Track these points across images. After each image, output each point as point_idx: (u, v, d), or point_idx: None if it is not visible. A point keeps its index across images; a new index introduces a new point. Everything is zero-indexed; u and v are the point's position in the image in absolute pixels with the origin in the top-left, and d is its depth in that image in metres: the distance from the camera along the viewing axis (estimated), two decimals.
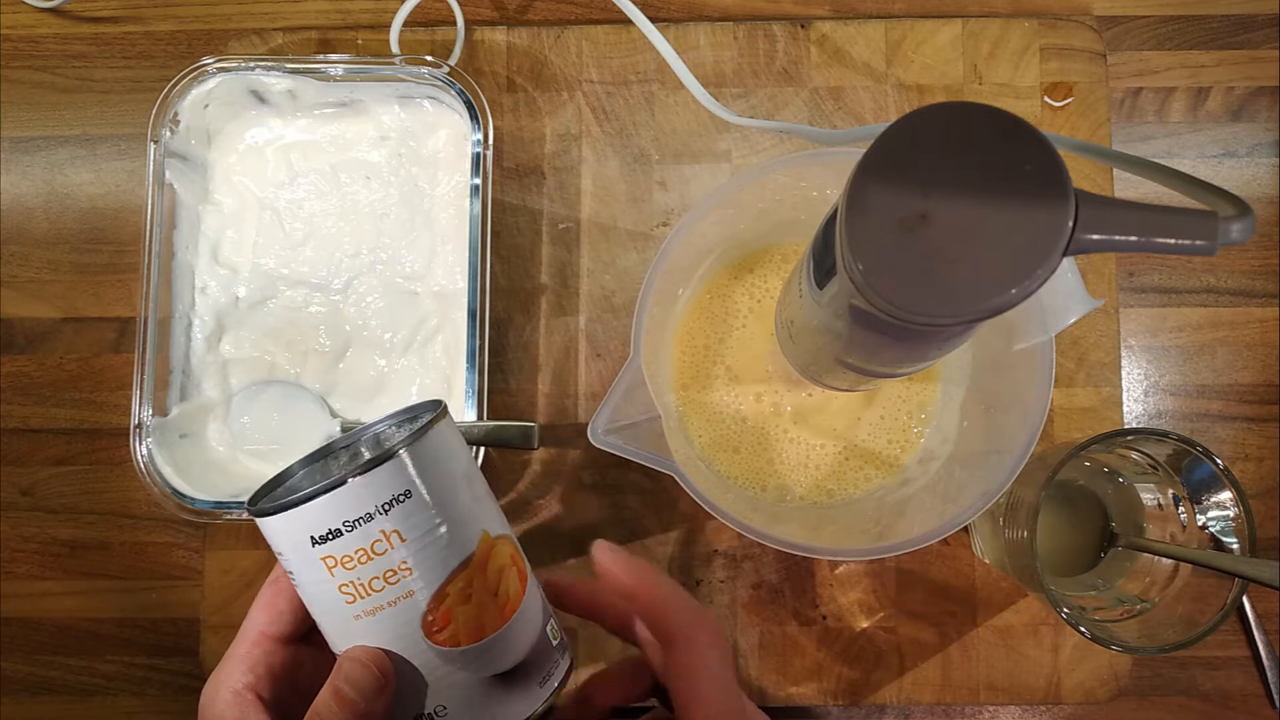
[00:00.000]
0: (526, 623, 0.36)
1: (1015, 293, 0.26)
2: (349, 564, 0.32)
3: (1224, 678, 0.53)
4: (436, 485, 0.34)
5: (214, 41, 0.58)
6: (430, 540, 0.33)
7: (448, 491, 0.34)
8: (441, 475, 0.34)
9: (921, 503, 0.46)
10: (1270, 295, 0.55)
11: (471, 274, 0.50)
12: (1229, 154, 0.56)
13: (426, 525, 0.33)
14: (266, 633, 0.36)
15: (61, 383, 0.56)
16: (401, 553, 0.32)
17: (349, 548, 0.32)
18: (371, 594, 0.32)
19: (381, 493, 0.32)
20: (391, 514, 0.32)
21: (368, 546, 0.32)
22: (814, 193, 0.45)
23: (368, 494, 0.32)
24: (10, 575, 0.55)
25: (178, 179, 0.52)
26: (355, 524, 0.32)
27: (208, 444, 0.53)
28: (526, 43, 0.56)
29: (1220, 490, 0.43)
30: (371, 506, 0.32)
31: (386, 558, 0.32)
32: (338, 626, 0.34)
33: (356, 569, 0.32)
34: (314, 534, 0.32)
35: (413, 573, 0.33)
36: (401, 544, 0.32)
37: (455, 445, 0.36)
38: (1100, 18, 0.57)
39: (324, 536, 0.32)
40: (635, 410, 0.40)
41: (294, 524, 0.32)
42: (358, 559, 0.32)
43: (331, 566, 0.32)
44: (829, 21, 0.56)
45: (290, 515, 0.32)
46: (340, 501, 0.32)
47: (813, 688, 0.52)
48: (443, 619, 0.33)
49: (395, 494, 0.32)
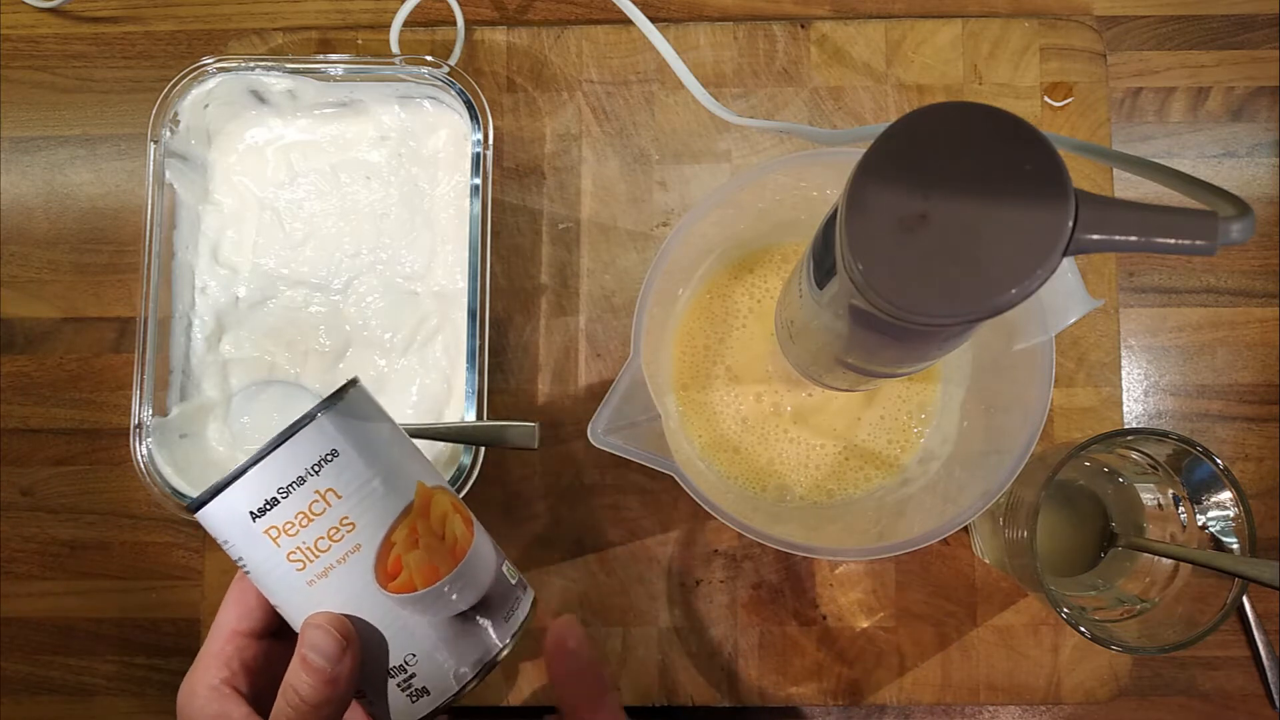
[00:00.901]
0: (481, 560, 0.37)
1: (1015, 293, 0.26)
2: (291, 530, 0.33)
3: (1224, 678, 0.53)
4: (362, 443, 0.35)
5: (214, 41, 0.58)
6: (366, 493, 0.34)
7: (374, 448, 0.35)
8: (365, 434, 0.35)
9: (921, 503, 0.46)
10: (1270, 295, 0.55)
11: (471, 274, 0.50)
12: (1229, 154, 0.56)
13: (360, 479, 0.34)
14: (238, 629, 0.36)
15: (61, 383, 0.56)
16: (340, 508, 0.33)
17: (289, 513, 0.33)
18: (319, 555, 0.33)
19: (309, 455, 0.33)
20: (323, 473, 0.33)
21: (306, 509, 0.33)
22: (814, 193, 0.45)
23: (296, 458, 0.33)
24: (10, 575, 0.55)
25: (178, 179, 0.52)
26: (290, 489, 0.33)
27: (208, 444, 0.53)
28: (526, 43, 0.56)
29: (1220, 490, 0.43)
30: (302, 469, 0.33)
31: (326, 516, 0.33)
32: (294, 599, 0.34)
33: (300, 534, 0.33)
34: (252, 508, 0.33)
35: (355, 526, 0.34)
36: (339, 500, 0.33)
37: (374, 410, 0.37)
38: (1100, 18, 0.57)
39: (262, 509, 0.33)
40: (635, 410, 0.40)
41: (231, 504, 0.33)
42: (299, 523, 0.33)
43: (275, 537, 0.33)
44: (829, 21, 0.56)
45: (226, 496, 0.33)
46: (270, 470, 0.33)
47: (813, 688, 0.52)
48: (394, 567, 0.34)
49: (322, 454, 0.33)
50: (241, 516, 0.33)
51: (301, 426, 0.34)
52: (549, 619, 0.43)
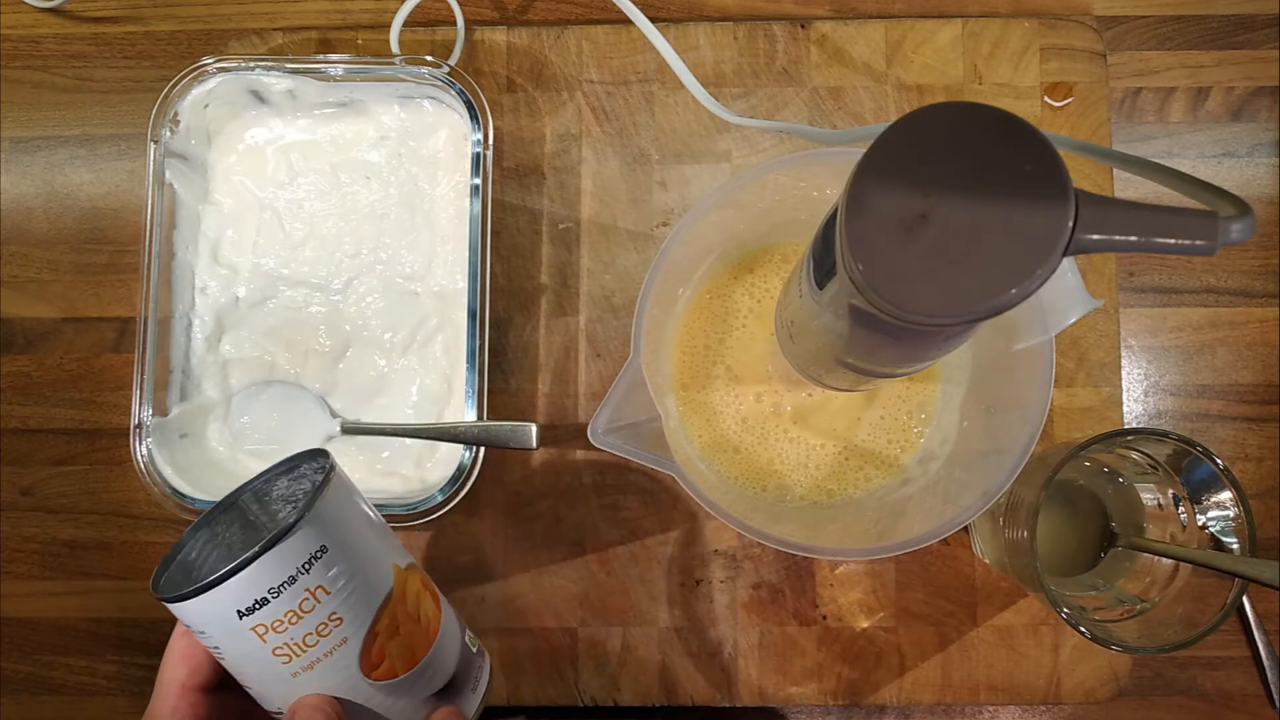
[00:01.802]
0: (449, 638, 0.38)
1: (1015, 293, 0.26)
2: (280, 627, 0.33)
3: (1224, 678, 0.53)
4: (346, 532, 0.35)
5: (214, 41, 0.58)
6: (354, 587, 0.34)
7: (357, 536, 0.35)
8: (347, 522, 0.35)
9: (921, 503, 0.46)
10: (1270, 295, 0.55)
11: (471, 274, 0.50)
12: (1229, 154, 0.56)
13: (347, 573, 0.34)
14: (188, 685, 0.36)
15: (61, 383, 0.56)
16: (329, 605, 0.33)
17: (278, 612, 0.33)
18: (306, 650, 0.33)
19: (301, 553, 0.33)
20: (313, 571, 0.33)
21: (296, 607, 0.33)
22: (814, 193, 0.45)
23: (289, 557, 0.33)
24: (10, 575, 0.55)
25: (178, 179, 0.52)
26: (281, 588, 0.32)
27: (208, 444, 0.53)
28: (526, 43, 0.56)
29: (1220, 490, 0.43)
30: (294, 568, 0.33)
31: (316, 613, 0.33)
32: (275, 688, 0.34)
33: (288, 630, 0.33)
34: (240, 607, 0.32)
35: (343, 621, 0.34)
36: (328, 597, 0.33)
37: (350, 491, 0.37)
38: (1100, 18, 0.57)
39: (250, 608, 0.32)
40: (635, 410, 0.40)
41: (217, 602, 0.32)
42: (288, 620, 0.33)
43: (263, 634, 0.33)
44: (829, 21, 0.56)
45: (212, 595, 0.32)
46: (264, 570, 0.32)
47: (813, 688, 0.52)
48: (377, 656, 0.34)
49: (313, 551, 0.33)
50: (227, 614, 0.32)
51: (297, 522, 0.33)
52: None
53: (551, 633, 0.53)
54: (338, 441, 0.53)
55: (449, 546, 0.53)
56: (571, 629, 0.53)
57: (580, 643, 0.53)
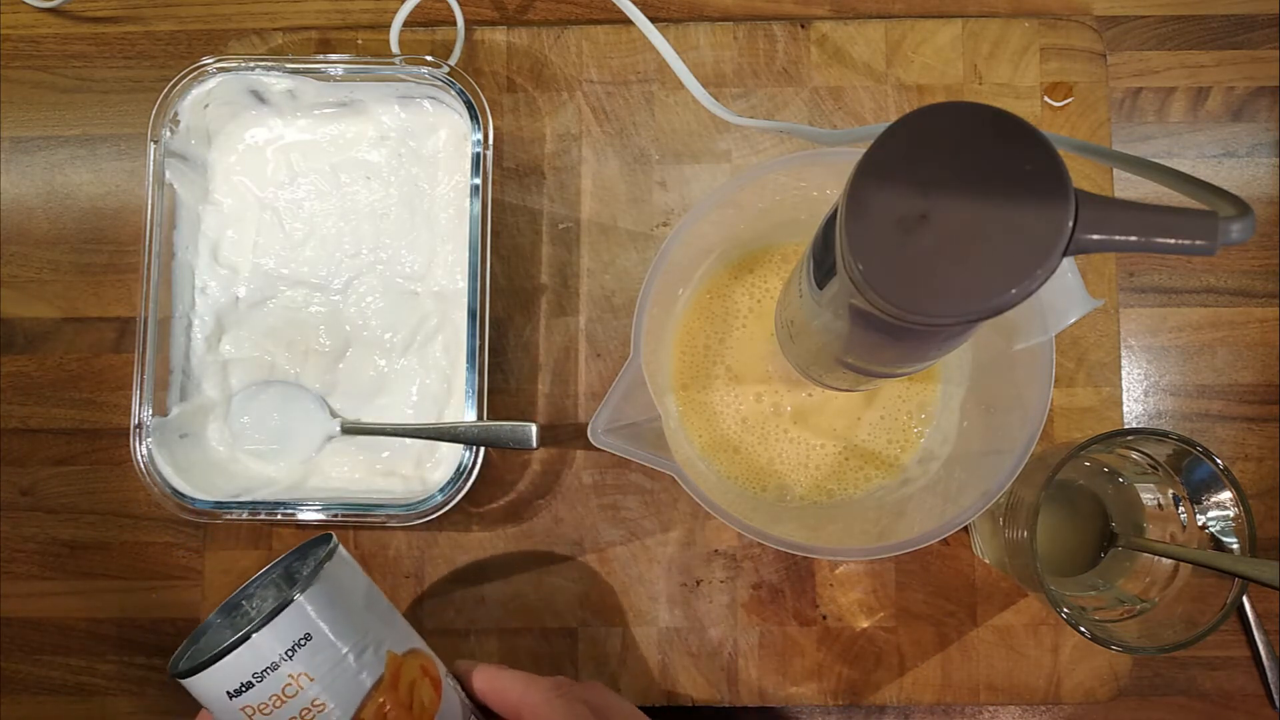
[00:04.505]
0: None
1: (1015, 293, 0.26)
2: (266, 710, 0.34)
3: (1224, 678, 0.53)
4: (336, 620, 0.36)
5: (214, 41, 0.58)
6: (338, 674, 0.35)
7: (348, 623, 0.36)
8: (340, 610, 0.36)
9: (921, 503, 0.46)
10: (1270, 295, 0.55)
11: (471, 274, 0.50)
12: (1229, 154, 0.56)
13: (332, 661, 0.35)
14: None
15: (61, 383, 0.56)
16: (312, 691, 0.34)
17: (263, 695, 0.34)
18: None
19: (283, 640, 0.34)
20: (296, 658, 0.34)
21: (279, 692, 0.34)
22: (814, 193, 0.45)
23: (270, 645, 0.34)
24: (10, 575, 0.55)
25: (178, 179, 0.52)
26: (264, 674, 0.34)
27: (208, 444, 0.53)
28: (526, 43, 0.56)
29: (1220, 490, 0.43)
30: (276, 656, 0.34)
31: (299, 698, 0.34)
32: None
33: (274, 713, 0.34)
34: (229, 689, 0.34)
35: (326, 707, 0.35)
36: (311, 683, 0.34)
37: (350, 576, 0.38)
38: (1100, 18, 0.57)
39: (238, 690, 0.34)
40: (635, 410, 0.40)
41: (210, 683, 0.34)
42: (273, 704, 0.34)
43: (251, 715, 0.34)
44: (829, 21, 0.56)
45: (204, 676, 0.34)
46: (246, 657, 0.34)
47: (813, 688, 0.52)
48: None
49: (296, 639, 0.34)
50: (219, 694, 0.34)
51: (278, 611, 0.34)
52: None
53: (551, 633, 0.53)
54: (338, 441, 0.53)
55: (449, 546, 0.53)
56: (571, 629, 0.53)
57: (580, 643, 0.53)
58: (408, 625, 0.40)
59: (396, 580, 0.53)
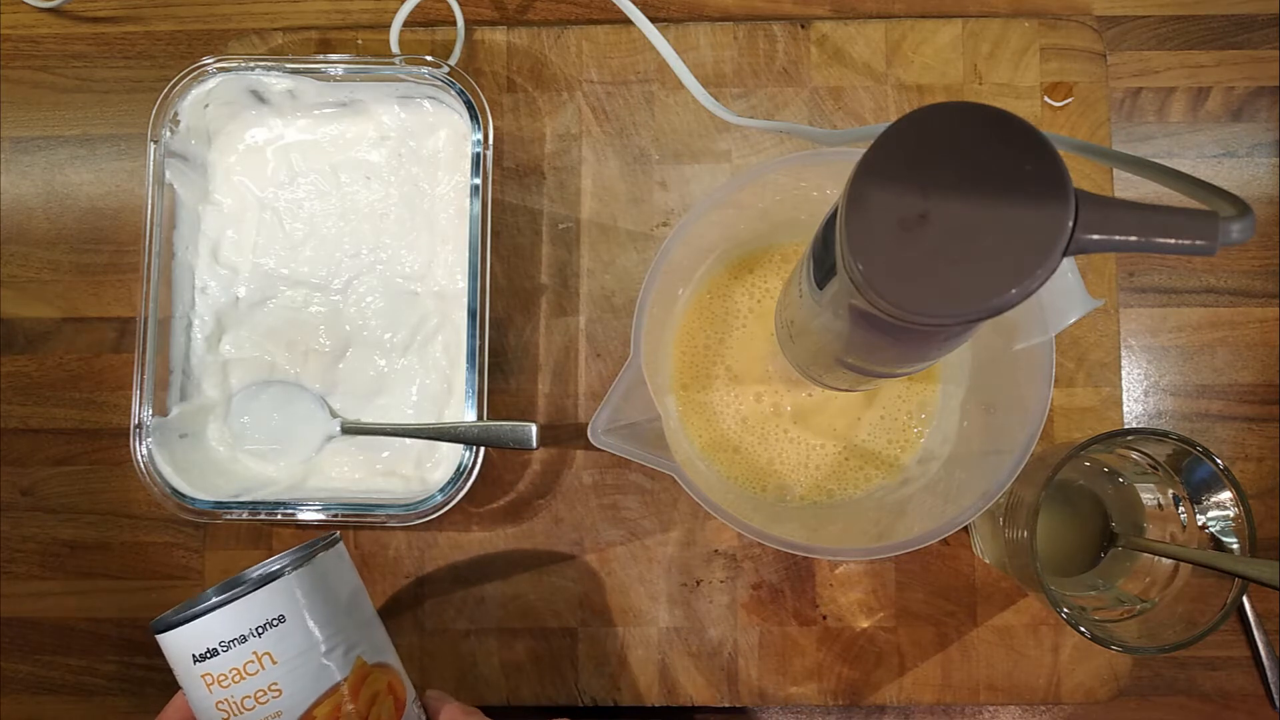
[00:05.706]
0: None
1: (1015, 293, 0.26)
2: (224, 682, 0.34)
3: (1224, 678, 0.53)
4: (315, 609, 0.36)
5: (214, 41, 0.58)
6: (302, 663, 0.35)
7: (326, 616, 0.36)
8: (321, 600, 0.36)
9: (921, 503, 0.46)
10: (1270, 295, 0.55)
11: (471, 274, 0.50)
12: (1229, 154, 0.56)
13: (299, 649, 0.35)
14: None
15: (61, 383, 0.56)
16: (271, 674, 0.34)
17: (224, 666, 0.34)
18: (244, 712, 0.34)
19: (258, 616, 0.34)
20: (265, 637, 0.34)
21: (240, 667, 0.34)
22: (814, 193, 0.45)
23: (245, 616, 0.34)
24: (10, 575, 0.55)
25: (178, 179, 0.52)
26: (230, 644, 0.34)
27: (208, 444, 0.53)
28: (526, 43, 0.56)
29: (1220, 490, 0.43)
30: (247, 629, 0.34)
31: (258, 678, 0.34)
32: None
33: (231, 687, 0.34)
34: (194, 652, 0.34)
35: (281, 694, 0.34)
36: (273, 666, 0.34)
37: (342, 572, 0.38)
38: (1100, 18, 0.57)
39: (203, 655, 0.34)
40: (635, 410, 0.40)
41: (179, 642, 0.35)
42: (232, 678, 0.34)
43: (209, 684, 0.34)
44: (829, 21, 0.56)
45: (175, 634, 0.35)
46: (218, 622, 0.34)
47: (813, 688, 0.52)
48: None
49: (270, 618, 0.35)
50: (184, 655, 0.35)
51: (262, 585, 0.35)
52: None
53: (551, 633, 0.53)
54: (338, 441, 0.53)
55: (449, 546, 0.53)
56: (571, 629, 0.53)
57: (580, 643, 0.53)
58: (388, 640, 0.40)
59: (396, 580, 0.53)
